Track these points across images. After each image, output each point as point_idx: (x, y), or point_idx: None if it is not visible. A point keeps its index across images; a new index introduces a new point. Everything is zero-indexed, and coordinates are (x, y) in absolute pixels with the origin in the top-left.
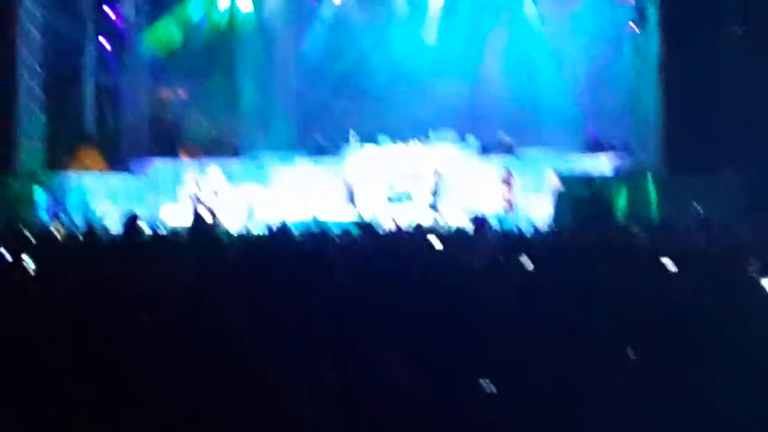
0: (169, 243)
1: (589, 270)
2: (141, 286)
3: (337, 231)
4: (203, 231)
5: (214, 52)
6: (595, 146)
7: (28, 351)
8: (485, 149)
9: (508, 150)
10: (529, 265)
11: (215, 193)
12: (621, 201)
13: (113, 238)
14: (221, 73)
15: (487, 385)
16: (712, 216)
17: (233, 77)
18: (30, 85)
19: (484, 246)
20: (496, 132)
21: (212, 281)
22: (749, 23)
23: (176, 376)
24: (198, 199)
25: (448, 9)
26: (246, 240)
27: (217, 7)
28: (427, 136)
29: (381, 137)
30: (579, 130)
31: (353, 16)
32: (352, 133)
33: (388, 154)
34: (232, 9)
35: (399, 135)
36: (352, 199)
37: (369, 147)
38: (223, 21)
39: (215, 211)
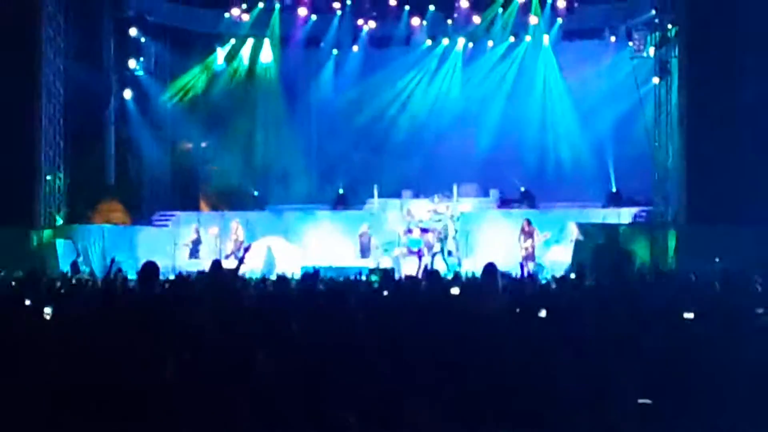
0: (186, 290)
1: (606, 319)
2: (158, 332)
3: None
4: (221, 279)
5: (235, 105)
6: (617, 199)
7: (47, 395)
8: (507, 203)
9: (531, 204)
10: (543, 314)
11: (237, 243)
12: (641, 250)
13: (131, 287)
14: (243, 126)
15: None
16: (732, 266)
17: (255, 129)
18: (52, 137)
19: (496, 294)
20: (518, 186)
21: (230, 327)
22: None
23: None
24: (221, 251)
25: (472, 63)
26: (266, 288)
27: (238, 59)
28: (450, 190)
29: (404, 191)
30: (601, 184)
31: (376, 68)
32: (375, 186)
33: (411, 207)
34: (253, 62)
35: (422, 189)
36: (364, 253)
37: (391, 201)
38: (244, 73)
39: (241, 260)
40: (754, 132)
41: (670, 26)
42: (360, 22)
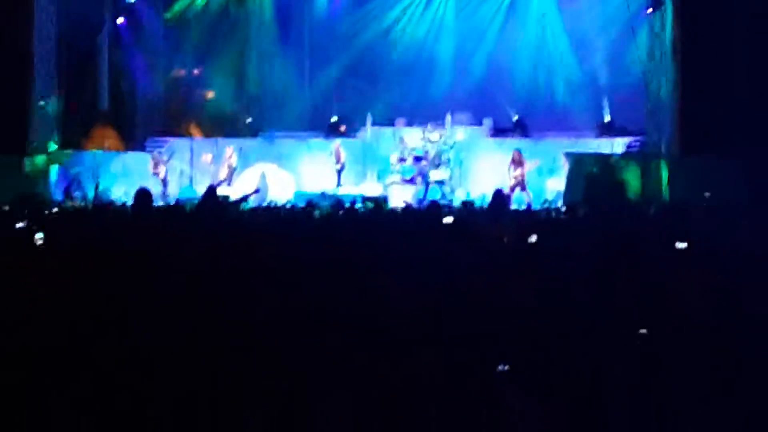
0: (180, 215)
1: (597, 249)
2: (151, 258)
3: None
4: (215, 204)
5: (228, 31)
6: (610, 129)
7: (35, 322)
8: (500, 132)
9: (524, 133)
10: (537, 242)
11: (230, 169)
12: (633, 181)
13: (124, 212)
14: (236, 52)
15: (500, 366)
16: (723, 198)
17: (248, 56)
18: (45, 63)
19: (507, 219)
20: (511, 115)
21: (224, 252)
22: (766, 6)
23: (187, 346)
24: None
25: None
26: (258, 213)
27: None
28: (443, 119)
29: (398, 119)
30: (594, 113)
31: None
32: (368, 115)
33: (403, 135)
34: None
35: (415, 117)
36: (339, 177)
37: (384, 129)
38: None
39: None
40: (748, 63)
41: None
42: None
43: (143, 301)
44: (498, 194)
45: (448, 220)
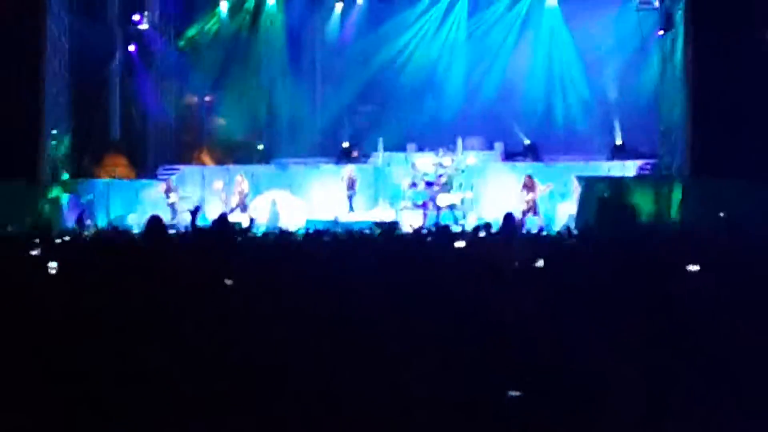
0: (190, 243)
1: (606, 271)
2: (162, 284)
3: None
4: (226, 232)
5: (240, 58)
6: (621, 152)
7: (46, 348)
8: (512, 156)
9: (535, 157)
10: (546, 266)
11: (241, 196)
12: (645, 204)
13: (135, 240)
14: (247, 79)
15: (510, 386)
16: (736, 219)
17: (259, 83)
18: (57, 92)
19: (518, 244)
20: (523, 139)
21: (234, 278)
22: None
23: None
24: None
25: (476, 15)
26: (269, 240)
27: (243, 11)
28: (455, 143)
29: (409, 144)
30: (606, 136)
31: (380, 20)
32: (380, 140)
33: (415, 161)
34: (258, 14)
35: (427, 141)
36: (351, 203)
37: (396, 154)
38: (249, 26)
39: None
40: (760, 85)
41: None
42: None
43: (155, 327)
44: (508, 218)
45: (460, 244)
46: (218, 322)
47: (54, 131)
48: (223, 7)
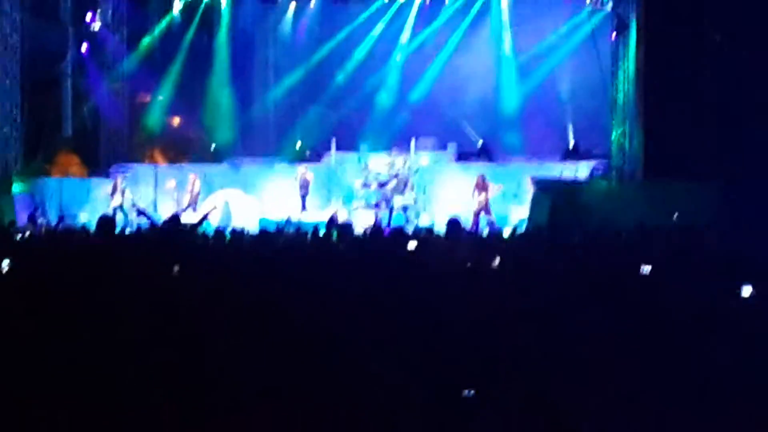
0: (142, 242)
1: (556, 271)
2: (113, 284)
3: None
4: (176, 231)
5: (193, 57)
6: (574, 153)
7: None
8: (465, 156)
9: (489, 158)
10: (498, 266)
11: (193, 195)
12: (597, 205)
13: (87, 239)
14: (200, 79)
15: (465, 390)
16: (688, 221)
17: (212, 82)
18: (9, 89)
19: (456, 247)
20: (476, 140)
21: (185, 279)
22: (728, 29)
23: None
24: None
25: (429, 17)
26: (221, 240)
27: (197, 12)
28: (408, 144)
29: (362, 144)
30: (559, 137)
31: (334, 22)
32: (332, 140)
33: (368, 161)
34: (211, 15)
35: (380, 142)
36: (304, 203)
37: (349, 154)
38: (201, 26)
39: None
40: (713, 86)
41: None
42: None
43: (108, 327)
44: (453, 224)
45: (412, 245)
46: (167, 320)
47: (5, 130)
48: (176, 7)
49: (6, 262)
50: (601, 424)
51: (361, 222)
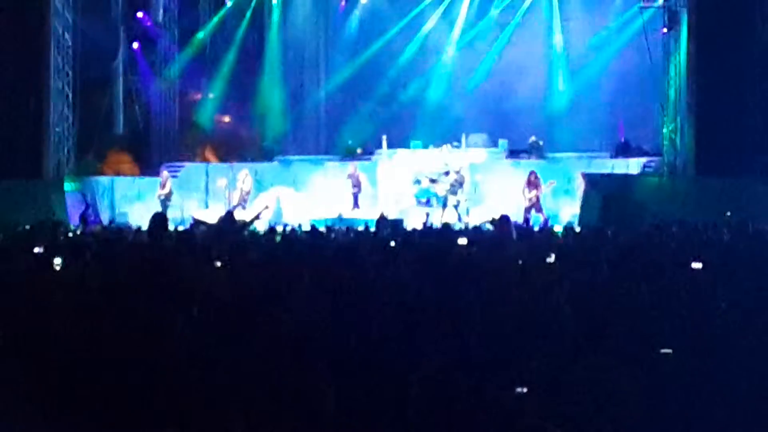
0: (195, 242)
1: (611, 270)
2: (166, 283)
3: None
4: (231, 230)
5: (244, 56)
6: (625, 149)
7: (53, 346)
8: (516, 153)
9: (539, 154)
10: (553, 263)
11: (243, 194)
12: (649, 201)
13: (140, 238)
14: (251, 77)
15: (514, 384)
16: (739, 217)
17: (264, 80)
18: (61, 89)
19: (507, 244)
20: (528, 137)
21: (239, 278)
22: None
23: (198, 371)
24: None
25: (480, 12)
26: (273, 239)
27: (249, 10)
28: (459, 140)
29: (413, 141)
30: (610, 134)
31: (385, 18)
32: (383, 137)
33: (420, 158)
34: (263, 13)
35: (431, 139)
36: (356, 201)
37: (401, 151)
38: (254, 25)
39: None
40: (764, 81)
41: None
42: None
43: (166, 325)
44: (504, 219)
45: (463, 241)
46: (219, 320)
47: (57, 129)
48: (228, 4)
49: (58, 260)
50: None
51: (413, 219)
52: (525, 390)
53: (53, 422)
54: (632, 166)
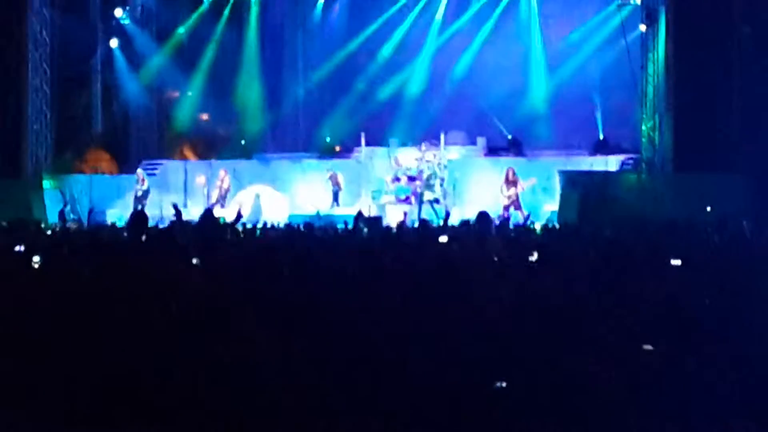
0: (175, 239)
1: (589, 265)
2: (146, 281)
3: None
4: (211, 228)
5: (222, 53)
6: (604, 147)
7: (32, 345)
8: (495, 151)
9: (518, 152)
10: (534, 257)
11: (222, 191)
12: (628, 198)
13: (119, 236)
14: (229, 74)
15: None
16: (719, 213)
17: (241, 78)
18: (39, 86)
19: (486, 241)
20: (505, 134)
21: (217, 276)
22: (758, 22)
23: (182, 369)
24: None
25: (459, 10)
26: (254, 236)
27: (226, 7)
28: (437, 138)
29: (391, 139)
30: (588, 131)
31: (364, 16)
32: (362, 135)
33: (399, 155)
34: (240, 10)
35: (410, 136)
36: (336, 198)
37: (379, 149)
38: (231, 22)
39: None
40: (742, 78)
41: None
42: None
43: (143, 323)
44: (483, 216)
45: (443, 239)
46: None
47: (36, 126)
48: (206, 1)
49: (37, 258)
50: (629, 409)
51: (391, 216)
52: (504, 385)
53: (36, 418)
54: (611, 163)
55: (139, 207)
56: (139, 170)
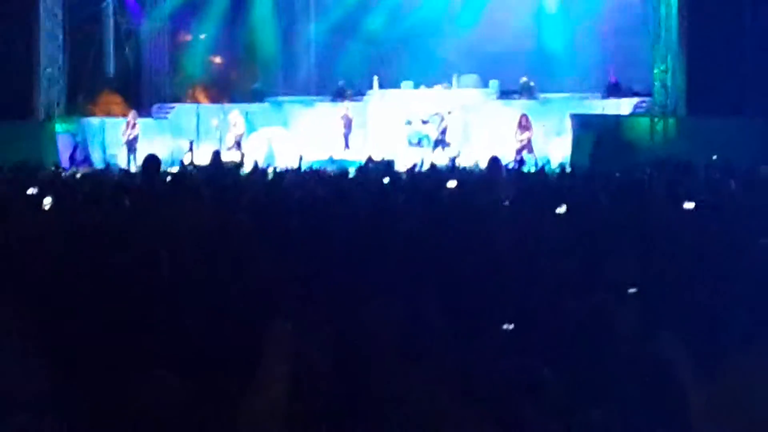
0: (187, 182)
1: (603, 209)
2: (158, 223)
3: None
4: (221, 171)
5: None
6: (616, 90)
7: (42, 287)
8: (507, 93)
9: (530, 95)
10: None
11: (237, 135)
12: (640, 142)
13: (132, 179)
14: (241, 18)
15: (501, 324)
16: (730, 157)
17: (253, 21)
18: (51, 30)
19: (497, 185)
20: (518, 77)
21: (230, 218)
22: None
23: (192, 313)
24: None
25: None
26: (264, 178)
27: None
28: (450, 81)
29: (404, 82)
30: (601, 74)
31: None
32: (375, 78)
33: (410, 98)
34: None
35: (422, 79)
36: (347, 143)
37: (391, 91)
38: None
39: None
40: (757, 21)
41: None
42: None
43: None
44: (494, 161)
45: (453, 183)
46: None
47: (48, 70)
48: None
49: (48, 200)
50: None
51: (404, 160)
52: (512, 327)
53: (39, 366)
54: (624, 106)
55: (130, 154)
56: (130, 114)
